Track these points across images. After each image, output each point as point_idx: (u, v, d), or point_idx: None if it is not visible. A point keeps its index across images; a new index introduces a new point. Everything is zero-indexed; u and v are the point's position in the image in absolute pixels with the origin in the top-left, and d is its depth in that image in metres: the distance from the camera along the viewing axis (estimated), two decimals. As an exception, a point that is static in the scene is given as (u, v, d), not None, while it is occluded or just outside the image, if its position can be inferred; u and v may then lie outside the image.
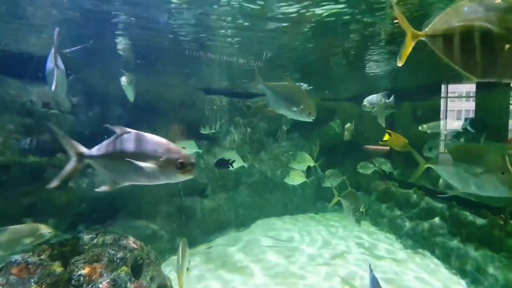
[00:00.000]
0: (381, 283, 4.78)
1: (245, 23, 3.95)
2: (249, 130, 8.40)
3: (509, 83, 6.40)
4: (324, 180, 7.12)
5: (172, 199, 6.52)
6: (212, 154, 7.49)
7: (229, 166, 5.40)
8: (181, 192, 5.83)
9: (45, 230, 3.44)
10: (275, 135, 8.71)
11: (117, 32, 4.23)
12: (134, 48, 4.99)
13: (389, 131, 4.68)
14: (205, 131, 4.71)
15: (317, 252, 6.08)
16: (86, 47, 4.00)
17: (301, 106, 3.36)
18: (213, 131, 4.79)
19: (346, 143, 9.64)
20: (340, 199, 4.86)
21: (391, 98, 5.07)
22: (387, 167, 7.06)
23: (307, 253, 6.03)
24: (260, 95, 8.97)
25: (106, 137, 2.45)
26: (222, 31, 4.34)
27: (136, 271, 3.07)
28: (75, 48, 3.64)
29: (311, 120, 3.43)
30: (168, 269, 5.24)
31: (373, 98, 5.18)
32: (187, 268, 3.03)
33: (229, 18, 3.85)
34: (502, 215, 4.71)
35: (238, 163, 5.37)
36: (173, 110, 6.80)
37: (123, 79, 4.69)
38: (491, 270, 4.56)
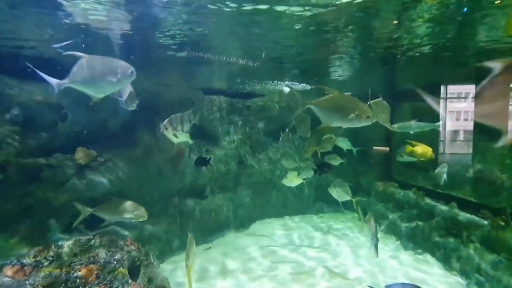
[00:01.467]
0: (381, 285, 4.76)
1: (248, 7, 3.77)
2: (248, 130, 8.37)
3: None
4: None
5: (171, 200, 6.47)
6: (211, 154, 7.46)
7: (208, 163, 5.36)
8: (175, 194, 5.71)
9: (142, 213, 3.61)
10: (275, 136, 8.67)
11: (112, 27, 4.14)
12: (128, 44, 4.91)
13: (410, 141, 4.65)
14: (168, 133, 4.27)
15: (315, 254, 6.04)
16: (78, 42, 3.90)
17: (356, 112, 3.22)
18: (178, 131, 4.35)
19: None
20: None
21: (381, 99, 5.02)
22: (346, 144, 6.77)
23: (308, 255, 5.99)
24: (259, 96, 8.94)
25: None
26: (225, 25, 4.23)
27: (134, 272, 3.03)
28: (66, 42, 3.56)
29: (371, 123, 3.31)
30: (167, 270, 5.20)
31: None
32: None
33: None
34: (503, 216, 4.68)
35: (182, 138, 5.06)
36: (172, 110, 6.75)
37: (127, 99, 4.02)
38: (492, 271, 4.53)
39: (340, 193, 5.48)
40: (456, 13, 3.91)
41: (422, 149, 4.60)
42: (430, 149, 4.60)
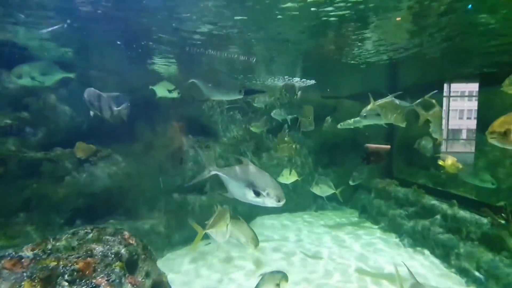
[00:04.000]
0: (381, 281, 4.75)
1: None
2: (249, 126, 8.34)
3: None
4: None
5: (170, 195, 6.48)
6: (212, 150, 7.45)
7: (180, 163, 5.79)
8: (160, 180, 5.63)
9: (254, 242, 3.68)
10: (275, 132, 8.64)
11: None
12: (128, 39, 4.87)
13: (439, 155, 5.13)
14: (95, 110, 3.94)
15: (312, 250, 6.05)
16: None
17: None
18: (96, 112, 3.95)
19: (347, 142, 9.60)
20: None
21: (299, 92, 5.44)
22: (280, 116, 6.70)
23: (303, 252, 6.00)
24: (260, 92, 8.90)
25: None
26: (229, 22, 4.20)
27: (131, 266, 3.03)
28: (52, 28, 3.55)
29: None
30: (167, 264, 5.22)
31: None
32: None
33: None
34: (503, 214, 4.65)
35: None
36: (173, 106, 6.74)
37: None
38: (491, 269, 4.51)
39: (323, 189, 5.69)
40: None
41: (454, 162, 5.21)
42: (455, 159, 5.22)
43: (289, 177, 5.88)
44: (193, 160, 6.96)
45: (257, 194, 2.73)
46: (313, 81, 8.34)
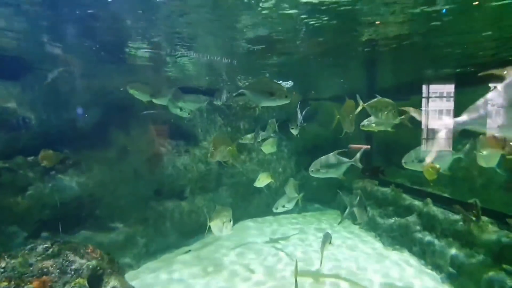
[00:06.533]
0: (358, 280, 4.77)
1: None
2: (229, 130, 8.23)
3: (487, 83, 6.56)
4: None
5: (148, 202, 6.25)
6: (191, 154, 7.28)
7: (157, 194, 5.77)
8: (56, 199, 5.09)
9: None
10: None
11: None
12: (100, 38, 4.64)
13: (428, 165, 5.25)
14: None
15: (294, 251, 6.01)
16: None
17: None
18: None
19: (328, 143, 9.67)
20: None
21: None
22: (193, 106, 6.37)
23: (286, 254, 5.95)
24: (241, 95, 8.82)
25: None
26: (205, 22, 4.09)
27: (95, 282, 2.85)
28: None
29: None
30: (144, 275, 4.99)
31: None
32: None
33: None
34: (474, 211, 4.79)
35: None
36: (148, 109, 6.52)
37: None
38: (464, 265, 4.62)
39: (291, 190, 5.87)
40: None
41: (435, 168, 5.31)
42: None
43: (264, 180, 5.86)
44: (172, 165, 6.77)
45: (366, 210, 4.43)
46: (291, 83, 8.35)
